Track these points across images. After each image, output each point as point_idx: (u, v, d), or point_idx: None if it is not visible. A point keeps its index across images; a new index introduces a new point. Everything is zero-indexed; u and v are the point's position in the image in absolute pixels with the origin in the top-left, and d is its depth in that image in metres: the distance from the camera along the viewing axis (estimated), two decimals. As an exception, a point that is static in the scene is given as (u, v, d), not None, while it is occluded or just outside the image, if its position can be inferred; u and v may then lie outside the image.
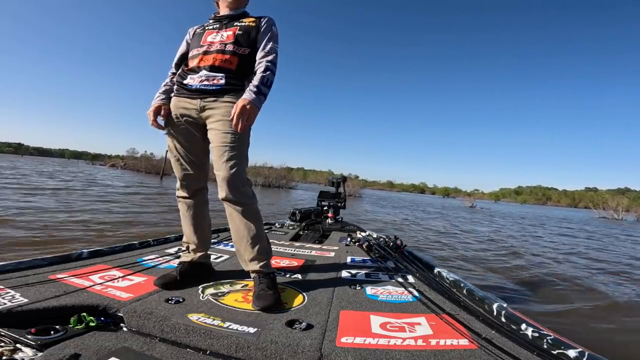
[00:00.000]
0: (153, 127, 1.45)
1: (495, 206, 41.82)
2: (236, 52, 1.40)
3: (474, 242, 6.54)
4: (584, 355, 0.91)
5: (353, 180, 36.38)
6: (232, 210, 1.37)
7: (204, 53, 1.41)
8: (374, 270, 1.83)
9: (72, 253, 1.60)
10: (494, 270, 3.98)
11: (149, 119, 1.45)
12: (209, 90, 1.37)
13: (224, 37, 1.42)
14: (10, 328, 0.94)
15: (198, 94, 1.38)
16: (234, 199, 1.34)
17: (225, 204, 1.37)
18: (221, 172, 1.32)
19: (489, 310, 1.27)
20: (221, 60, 1.38)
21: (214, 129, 1.37)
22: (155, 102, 1.47)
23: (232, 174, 1.31)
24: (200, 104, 1.38)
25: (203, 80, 1.37)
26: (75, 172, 19.23)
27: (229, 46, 1.40)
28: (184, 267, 1.43)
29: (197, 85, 1.38)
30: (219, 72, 1.37)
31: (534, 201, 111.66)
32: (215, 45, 1.41)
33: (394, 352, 0.92)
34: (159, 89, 1.51)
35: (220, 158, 1.33)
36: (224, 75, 1.37)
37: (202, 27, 1.52)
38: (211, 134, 1.38)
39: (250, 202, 1.38)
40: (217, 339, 0.96)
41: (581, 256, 5.66)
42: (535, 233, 9.57)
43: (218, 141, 1.35)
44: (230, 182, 1.31)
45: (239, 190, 1.34)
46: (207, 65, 1.38)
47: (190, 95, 1.40)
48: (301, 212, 3.50)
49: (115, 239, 3.80)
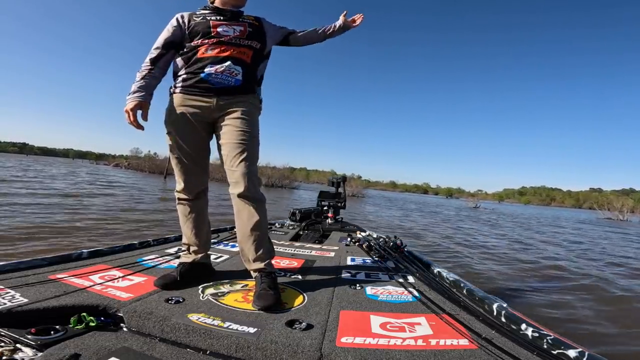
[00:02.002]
0: (142, 124, 1.35)
1: (500, 207, 40.81)
2: (251, 46, 1.44)
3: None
4: (584, 355, 0.91)
5: (355, 180, 36.43)
6: (244, 206, 1.37)
7: (220, 43, 1.38)
8: (374, 270, 1.83)
9: (72, 253, 1.60)
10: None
11: (127, 117, 1.31)
12: (227, 86, 1.38)
13: (237, 32, 1.43)
14: (10, 328, 0.94)
15: (214, 93, 1.37)
16: (251, 195, 1.36)
17: (238, 200, 1.38)
18: (239, 169, 1.34)
19: (489, 310, 1.27)
20: (239, 52, 1.41)
21: (230, 125, 1.38)
22: (134, 98, 1.33)
23: (251, 171, 1.36)
24: (217, 102, 1.38)
25: (225, 71, 1.37)
26: (94, 174, 19.04)
27: (244, 40, 1.43)
28: (184, 268, 1.43)
29: (217, 77, 1.36)
30: (237, 64, 1.39)
31: (538, 202, 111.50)
32: (229, 38, 1.40)
33: (394, 352, 0.92)
34: (136, 83, 1.36)
35: (238, 155, 1.35)
36: (241, 71, 1.40)
37: (202, 17, 1.44)
38: (226, 130, 1.39)
39: (263, 199, 1.41)
40: (217, 339, 0.96)
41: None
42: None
43: (235, 139, 1.36)
44: (249, 179, 1.34)
45: (255, 187, 1.37)
46: (228, 56, 1.38)
47: (205, 93, 1.38)
48: (301, 212, 3.50)
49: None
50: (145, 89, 1.36)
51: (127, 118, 1.32)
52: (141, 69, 1.39)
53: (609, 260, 5.57)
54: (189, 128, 1.40)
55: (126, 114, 1.32)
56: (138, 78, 1.38)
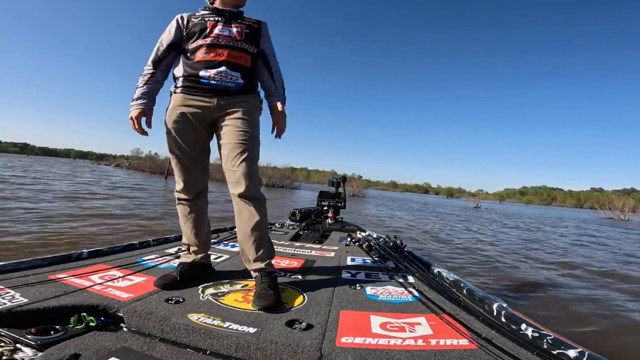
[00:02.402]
0: (146, 130, 1.42)
1: (501, 207, 39.95)
2: (248, 50, 1.44)
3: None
4: (584, 355, 0.91)
5: (356, 180, 36.36)
6: (244, 206, 1.38)
7: (215, 46, 1.38)
8: (374, 270, 1.83)
9: (72, 253, 1.60)
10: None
11: (132, 124, 1.38)
12: (228, 88, 1.38)
13: (233, 33, 1.42)
14: (10, 328, 0.94)
15: (215, 93, 1.37)
16: (252, 195, 1.36)
17: (239, 200, 1.38)
18: (240, 169, 1.34)
19: (489, 310, 1.27)
20: (237, 57, 1.40)
21: (231, 125, 1.38)
22: (138, 105, 1.38)
23: (252, 171, 1.36)
24: (218, 103, 1.38)
25: (223, 77, 1.37)
26: (98, 174, 18.86)
27: (241, 43, 1.42)
28: (184, 268, 1.43)
29: (216, 81, 1.36)
30: (235, 70, 1.39)
31: (539, 201, 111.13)
32: (225, 40, 1.40)
33: (394, 352, 0.92)
34: (139, 88, 1.39)
35: (239, 155, 1.36)
36: (240, 74, 1.40)
37: (200, 18, 1.42)
38: (226, 130, 1.39)
39: (263, 199, 1.42)
40: (217, 339, 0.96)
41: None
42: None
43: (236, 139, 1.37)
44: (250, 178, 1.34)
45: (256, 187, 1.38)
46: (224, 61, 1.37)
47: (205, 93, 1.38)
48: (301, 212, 3.50)
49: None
50: (148, 96, 1.41)
51: (132, 125, 1.40)
52: (143, 72, 1.42)
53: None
54: (189, 128, 1.40)
55: (131, 121, 1.39)
56: (141, 83, 1.41)
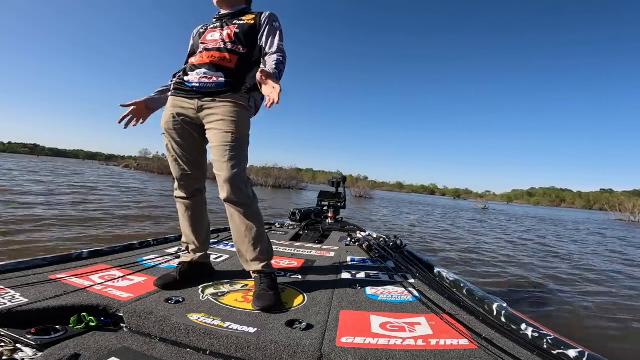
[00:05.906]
0: (129, 114, 1.48)
1: (509, 208, 38.93)
2: (235, 51, 1.39)
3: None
4: (584, 355, 0.91)
5: (362, 181, 36.24)
6: (234, 211, 1.36)
7: (203, 50, 1.42)
8: (374, 270, 1.83)
9: (72, 253, 1.60)
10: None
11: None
12: (208, 89, 1.36)
13: (223, 35, 1.42)
14: (10, 328, 0.94)
15: (195, 93, 1.38)
16: (236, 200, 1.33)
17: (226, 204, 1.36)
18: (223, 173, 1.30)
19: (489, 310, 1.27)
20: (220, 58, 1.37)
21: (213, 128, 1.36)
22: (145, 96, 1.52)
23: (233, 174, 1.30)
24: (198, 104, 1.37)
25: (202, 78, 1.37)
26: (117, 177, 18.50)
27: (228, 44, 1.40)
28: (184, 268, 1.43)
29: (196, 83, 1.37)
30: (217, 70, 1.36)
31: (547, 203, 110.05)
32: (214, 43, 1.41)
33: (394, 352, 0.92)
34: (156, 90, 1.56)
35: (221, 158, 1.31)
36: (223, 74, 1.36)
37: (204, 27, 1.53)
38: (210, 134, 1.37)
39: (251, 202, 1.38)
40: (217, 339, 0.96)
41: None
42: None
43: (218, 141, 1.33)
44: (232, 183, 1.30)
45: (241, 191, 1.33)
46: (206, 63, 1.37)
47: (188, 95, 1.39)
48: (301, 212, 3.51)
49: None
50: (156, 94, 1.54)
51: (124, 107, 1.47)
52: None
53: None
54: (179, 128, 1.41)
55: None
56: (161, 87, 1.57)
